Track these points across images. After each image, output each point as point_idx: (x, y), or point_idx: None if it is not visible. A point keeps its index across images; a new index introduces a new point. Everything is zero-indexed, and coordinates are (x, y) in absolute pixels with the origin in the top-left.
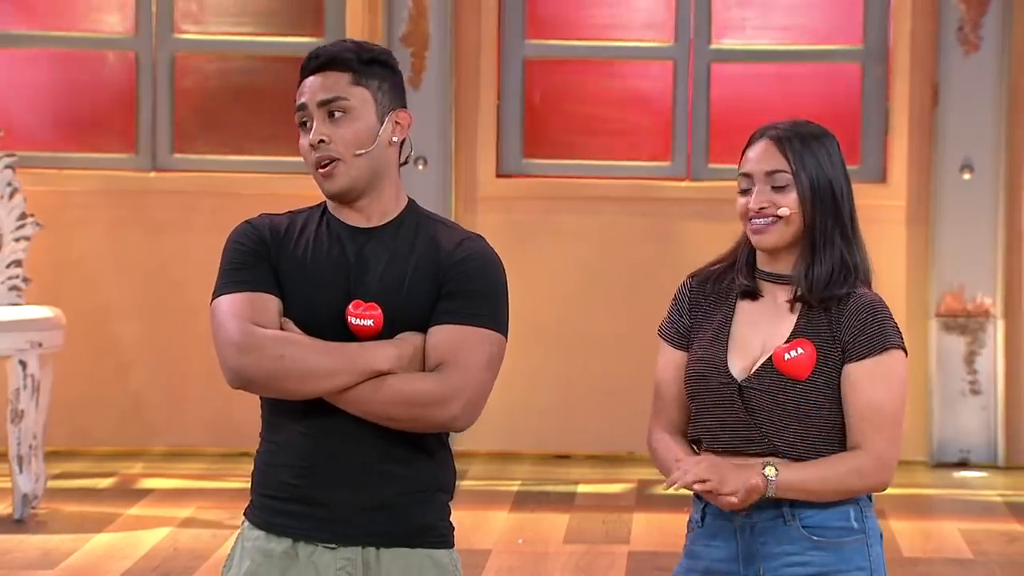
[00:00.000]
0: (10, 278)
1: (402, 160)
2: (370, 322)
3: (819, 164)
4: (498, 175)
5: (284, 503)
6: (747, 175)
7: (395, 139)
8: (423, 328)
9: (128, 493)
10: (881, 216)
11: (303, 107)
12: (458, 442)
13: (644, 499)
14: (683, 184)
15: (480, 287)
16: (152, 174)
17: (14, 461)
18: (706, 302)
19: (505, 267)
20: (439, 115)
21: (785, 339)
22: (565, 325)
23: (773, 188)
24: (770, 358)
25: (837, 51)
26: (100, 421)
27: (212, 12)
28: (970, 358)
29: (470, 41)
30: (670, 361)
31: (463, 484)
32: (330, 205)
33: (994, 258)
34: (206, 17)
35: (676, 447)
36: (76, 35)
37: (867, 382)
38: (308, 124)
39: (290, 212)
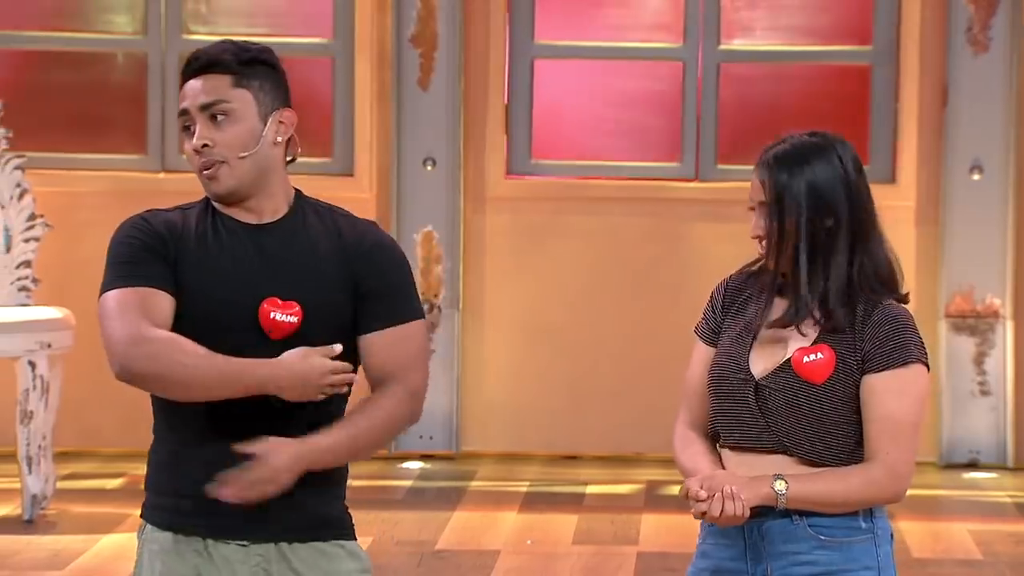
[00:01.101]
0: (19, 279)
1: (289, 158)
2: (294, 319)
3: (795, 185)
4: (507, 175)
5: (192, 502)
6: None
7: (280, 139)
8: (339, 322)
9: (137, 494)
10: (890, 217)
11: (185, 112)
12: (467, 443)
13: (653, 500)
14: (692, 185)
15: (396, 279)
16: (161, 175)
17: (23, 462)
18: (740, 300)
19: (513, 268)
20: (448, 115)
21: (810, 343)
22: (574, 325)
23: (761, 213)
24: (789, 360)
25: (846, 52)
26: (109, 422)
27: (221, 13)
28: (979, 359)
29: (479, 41)
30: (701, 357)
31: (472, 485)
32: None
33: (1003, 259)
34: (215, 18)
35: (695, 447)
36: (85, 36)
37: (886, 394)
38: (191, 128)
39: (178, 207)
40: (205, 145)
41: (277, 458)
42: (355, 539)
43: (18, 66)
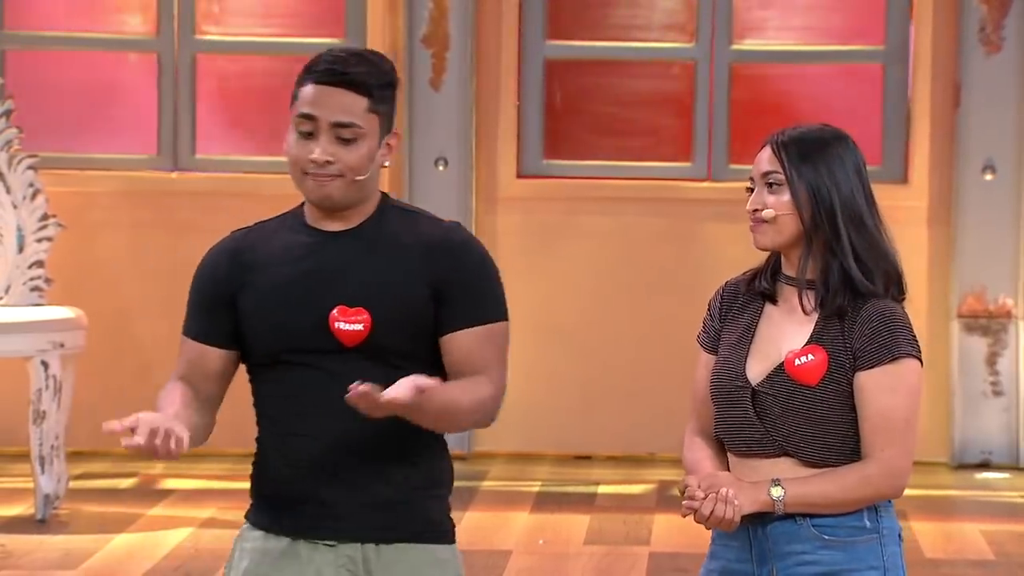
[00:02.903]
0: (32, 279)
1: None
2: (359, 327)
3: (816, 170)
4: (518, 176)
5: (283, 503)
6: (751, 177)
7: (387, 163)
8: (415, 325)
9: (149, 493)
10: (902, 217)
11: (313, 117)
12: (478, 443)
13: (665, 500)
14: (704, 185)
15: (479, 279)
16: (174, 175)
17: (36, 461)
18: (736, 306)
19: (525, 268)
20: (460, 116)
21: (802, 345)
22: (586, 326)
23: (768, 190)
24: (782, 363)
25: (858, 52)
26: None
27: (233, 13)
28: (992, 359)
29: (491, 42)
30: (704, 365)
31: (483, 485)
32: (306, 210)
33: (1016, 259)
34: (227, 18)
35: (700, 452)
36: (98, 36)
37: (877, 391)
38: (312, 135)
39: (260, 223)
40: (328, 162)
41: (395, 388)
42: (451, 542)
43: (30, 66)
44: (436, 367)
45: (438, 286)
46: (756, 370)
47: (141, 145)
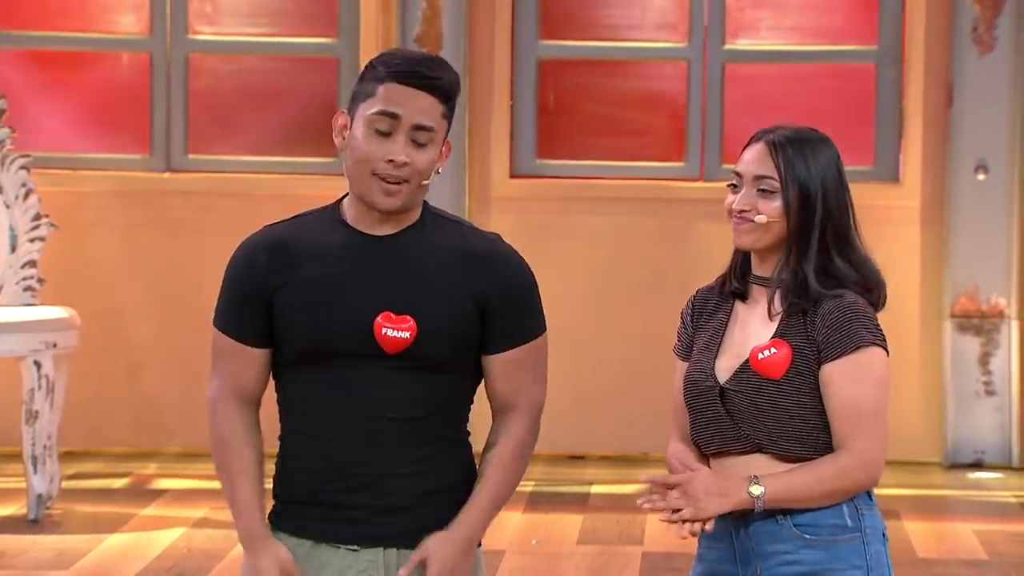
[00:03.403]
0: (25, 279)
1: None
2: (406, 334)
3: (809, 172)
4: (512, 176)
5: (306, 507)
6: (738, 174)
7: (440, 170)
8: (460, 335)
9: (142, 493)
10: (895, 217)
11: (395, 116)
12: (473, 443)
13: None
14: (697, 185)
15: (521, 295)
16: (166, 175)
17: (28, 461)
18: (707, 311)
19: None
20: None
21: (768, 340)
22: (579, 326)
23: (759, 192)
24: (747, 359)
25: (851, 51)
26: (114, 421)
27: (226, 13)
28: (984, 359)
29: (484, 42)
30: (680, 374)
31: None
32: (344, 206)
33: (1009, 259)
34: (220, 18)
35: (683, 454)
36: (90, 36)
37: (843, 381)
38: (390, 133)
39: (298, 217)
40: (405, 163)
41: (442, 560)
42: (477, 546)
43: (23, 66)
44: (474, 377)
45: (483, 301)
46: (724, 368)
47: (134, 145)
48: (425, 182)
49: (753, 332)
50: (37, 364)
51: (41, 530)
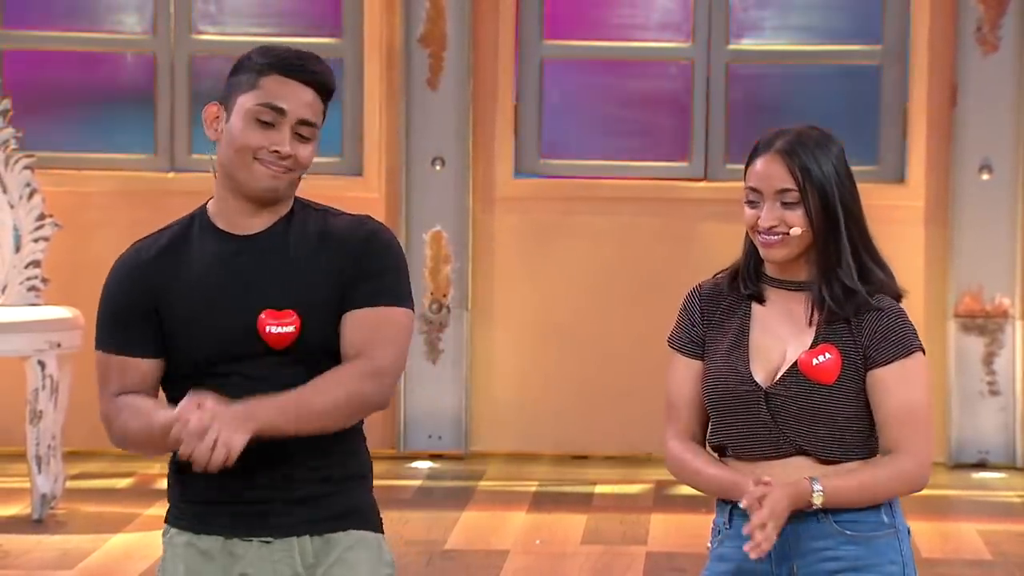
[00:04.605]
0: (29, 279)
1: None
2: (290, 328)
3: (824, 174)
4: (515, 176)
5: (215, 506)
6: (755, 190)
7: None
8: (337, 321)
9: (146, 493)
10: (899, 217)
11: (281, 110)
12: (476, 443)
13: (662, 500)
14: (700, 185)
15: (381, 264)
16: (171, 175)
17: (33, 461)
18: (719, 311)
19: (522, 268)
20: (456, 115)
21: (808, 347)
22: (582, 325)
23: (783, 205)
24: (795, 364)
25: (855, 51)
26: None
27: (230, 13)
28: (988, 359)
29: (488, 42)
30: (685, 370)
31: (480, 485)
32: (211, 211)
33: (1013, 259)
34: (224, 18)
35: (704, 455)
36: (95, 36)
37: (896, 386)
38: (271, 125)
39: (163, 230)
40: (290, 156)
41: (223, 420)
42: (379, 532)
43: (27, 66)
44: None
45: (342, 276)
46: (761, 373)
47: (138, 145)
48: (303, 174)
49: (787, 338)
50: (41, 364)
51: (45, 530)
